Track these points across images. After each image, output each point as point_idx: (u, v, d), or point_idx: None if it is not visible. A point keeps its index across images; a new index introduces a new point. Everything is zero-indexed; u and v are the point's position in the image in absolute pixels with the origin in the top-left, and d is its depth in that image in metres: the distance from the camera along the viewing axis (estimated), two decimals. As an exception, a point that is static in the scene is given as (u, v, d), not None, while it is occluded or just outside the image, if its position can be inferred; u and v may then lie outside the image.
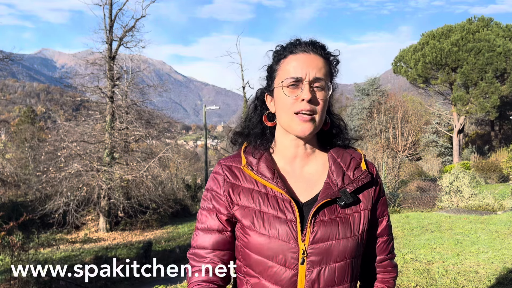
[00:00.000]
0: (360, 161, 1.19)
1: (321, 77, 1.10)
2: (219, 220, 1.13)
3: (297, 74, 1.10)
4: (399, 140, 22.96)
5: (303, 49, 1.13)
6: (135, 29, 17.51)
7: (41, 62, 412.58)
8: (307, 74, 1.09)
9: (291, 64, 1.12)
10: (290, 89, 1.10)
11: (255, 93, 1.27)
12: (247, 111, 1.27)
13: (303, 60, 1.11)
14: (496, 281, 4.38)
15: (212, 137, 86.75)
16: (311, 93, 1.08)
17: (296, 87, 1.10)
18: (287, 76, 1.11)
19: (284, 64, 1.14)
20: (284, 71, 1.13)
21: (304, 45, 1.13)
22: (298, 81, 1.10)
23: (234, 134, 1.26)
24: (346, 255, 1.09)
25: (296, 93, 1.09)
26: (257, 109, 1.24)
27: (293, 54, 1.13)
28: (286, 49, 1.15)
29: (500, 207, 10.66)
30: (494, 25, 26.62)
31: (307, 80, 1.09)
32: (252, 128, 1.22)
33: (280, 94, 1.12)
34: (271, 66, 1.18)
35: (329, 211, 1.10)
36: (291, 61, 1.12)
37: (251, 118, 1.24)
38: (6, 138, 33.88)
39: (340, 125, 1.23)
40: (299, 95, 1.09)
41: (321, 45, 1.15)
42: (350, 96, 33.25)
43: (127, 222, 16.61)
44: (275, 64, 1.17)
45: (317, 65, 1.11)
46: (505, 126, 34.24)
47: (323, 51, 1.14)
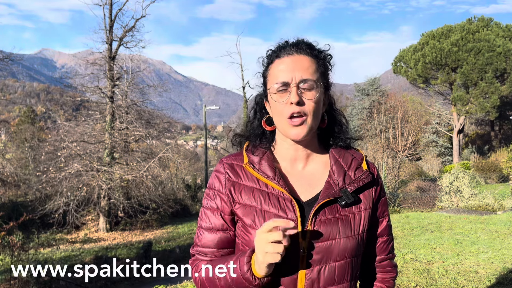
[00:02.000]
0: (361, 162, 1.19)
1: (308, 77, 1.09)
2: (222, 219, 1.14)
3: (283, 79, 1.09)
4: (399, 140, 22.94)
5: (287, 52, 1.12)
6: (135, 29, 17.52)
7: (41, 62, 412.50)
8: (293, 77, 1.09)
9: (277, 68, 1.12)
10: (279, 94, 1.10)
11: (254, 99, 1.28)
12: (248, 116, 1.28)
13: (287, 63, 1.11)
14: (496, 281, 4.38)
15: (212, 137, 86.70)
16: (299, 95, 1.08)
17: (284, 91, 1.10)
18: (275, 81, 1.11)
19: (271, 69, 1.14)
20: (272, 76, 1.13)
21: (289, 47, 1.13)
22: (285, 85, 1.09)
23: (234, 136, 1.27)
24: (346, 254, 1.10)
25: (285, 97, 1.09)
26: (257, 115, 1.24)
27: (278, 58, 1.13)
28: (273, 53, 1.15)
29: (500, 207, 10.66)
30: (494, 25, 26.62)
31: (294, 83, 1.08)
32: (253, 131, 1.23)
33: (272, 100, 1.13)
34: (263, 72, 1.19)
35: (330, 210, 1.10)
36: (277, 65, 1.12)
37: (252, 123, 1.25)
38: (6, 138, 33.88)
39: (341, 122, 1.23)
40: (287, 99, 1.09)
41: (307, 43, 1.14)
42: (350, 96, 33.27)
43: (127, 222, 16.61)
44: (265, 70, 1.18)
45: (303, 65, 1.10)
46: (505, 126, 34.24)
47: (309, 49, 1.13)
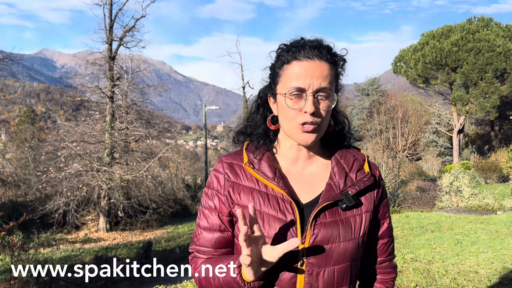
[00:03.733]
0: (363, 163, 1.17)
1: (326, 86, 1.05)
2: (220, 220, 1.13)
3: (300, 84, 1.04)
4: (399, 140, 22.94)
5: (307, 55, 1.06)
6: (135, 29, 17.52)
7: (41, 62, 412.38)
8: (311, 84, 1.04)
9: (294, 71, 1.06)
10: (294, 100, 1.05)
11: (257, 92, 1.23)
12: (249, 109, 1.24)
13: (307, 68, 1.05)
14: (496, 281, 4.37)
15: (212, 137, 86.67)
16: (314, 104, 1.04)
17: (299, 97, 1.05)
18: (290, 84, 1.06)
19: (287, 70, 1.08)
20: (287, 78, 1.07)
21: (309, 50, 1.06)
22: (301, 91, 1.05)
23: (236, 133, 1.23)
24: (346, 258, 1.08)
25: (299, 104, 1.05)
26: (260, 109, 1.20)
27: (296, 60, 1.06)
28: (290, 52, 1.08)
29: (500, 207, 10.65)
30: (494, 25, 26.62)
31: (311, 91, 1.04)
32: (255, 128, 1.20)
33: (283, 103, 1.07)
34: (274, 68, 1.13)
35: (330, 213, 1.09)
36: (294, 67, 1.06)
37: (253, 118, 1.21)
38: (6, 138, 33.84)
39: (343, 123, 1.20)
40: (302, 107, 1.04)
41: (327, 48, 1.08)
42: (350, 96, 33.22)
43: (127, 222, 16.61)
44: (278, 68, 1.11)
45: (322, 73, 1.05)
46: (505, 126, 34.23)
47: (329, 55, 1.07)
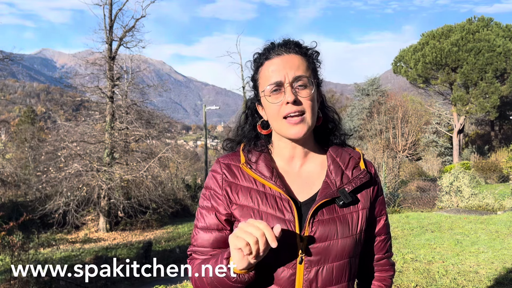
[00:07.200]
0: (359, 160, 1.19)
1: (301, 74, 1.09)
2: (218, 219, 1.13)
3: (276, 79, 1.09)
4: (399, 140, 22.95)
5: (276, 52, 1.12)
6: (135, 29, 17.54)
7: (41, 62, 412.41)
8: (286, 76, 1.08)
9: (268, 70, 1.11)
10: (273, 95, 1.10)
11: (245, 103, 1.27)
12: (238, 121, 1.27)
13: (278, 63, 1.10)
14: (496, 281, 4.38)
15: (212, 137, 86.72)
16: (294, 94, 1.08)
17: (278, 92, 1.09)
18: (267, 83, 1.10)
19: (262, 71, 1.13)
20: (264, 78, 1.12)
21: (277, 48, 1.12)
22: (279, 85, 1.09)
23: (225, 140, 1.26)
24: (344, 255, 1.10)
25: (279, 98, 1.09)
26: (248, 119, 1.24)
27: (268, 59, 1.12)
28: (262, 56, 1.14)
29: (500, 207, 10.65)
30: (494, 25, 26.61)
31: (288, 82, 1.08)
32: (245, 136, 1.23)
33: (266, 102, 1.12)
34: (253, 76, 1.18)
35: (328, 210, 1.10)
36: (267, 67, 1.12)
37: (243, 127, 1.24)
38: (6, 138, 33.85)
39: (334, 118, 1.23)
40: (283, 100, 1.08)
41: (294, 42, 1.14)
42: (350, 96, 33.26)
43: (127, 222, 16.61)
44: (255, 74, 1.17)
45: (294, 64, 1.10)
46: (505, 126, 34.23)
47: (297, 48, 1.13)
